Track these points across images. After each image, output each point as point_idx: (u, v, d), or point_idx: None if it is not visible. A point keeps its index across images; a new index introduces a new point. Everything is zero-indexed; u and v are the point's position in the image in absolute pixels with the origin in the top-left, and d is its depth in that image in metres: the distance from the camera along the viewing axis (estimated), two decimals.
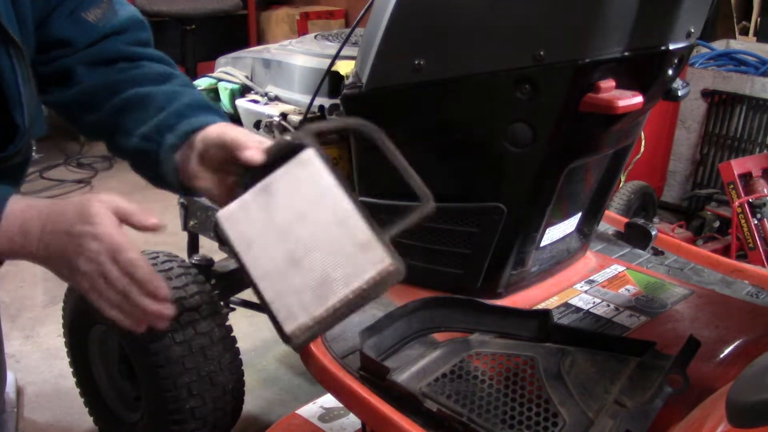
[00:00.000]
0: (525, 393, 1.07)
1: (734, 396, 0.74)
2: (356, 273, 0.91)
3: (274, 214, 0.96)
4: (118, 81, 1.15)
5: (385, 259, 0.90)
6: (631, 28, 1.16)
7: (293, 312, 0.91)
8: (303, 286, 0.92)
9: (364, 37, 1.25)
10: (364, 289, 0.90)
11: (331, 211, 0.94)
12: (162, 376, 1.43)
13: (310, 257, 0.93)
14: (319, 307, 0.90)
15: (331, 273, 0.92)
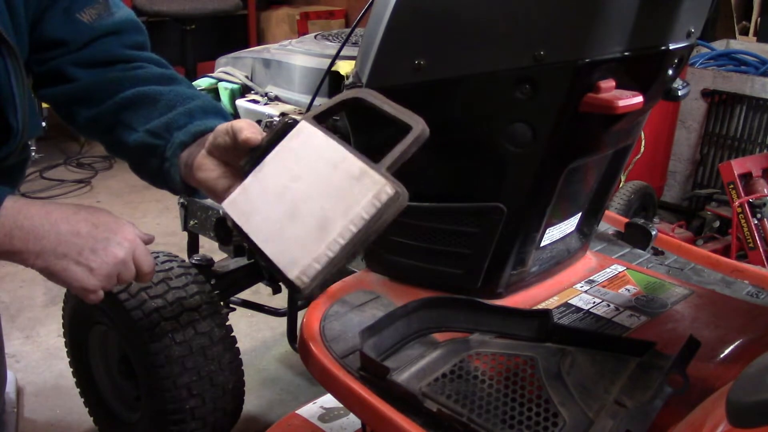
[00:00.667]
0: (525, 393, 1.07)
1: (734, 396, 0.74)
2: (353, 203, 0.90)
3: (268, 183, 0.97)
4: (119, 79, 1.15)
5: (380, 182, 0.91)
6: (632, 27, 1.16)
7: (295, 258, 0.90)
8: (303, 233, 0.91)
9: (364, 37, 1.25)
10: (364, 218, 0.89)
11: (324, 160, 0.95)
12: (162, 376, 1.43)
13: (307, 207, 0.92)
14: (320, 245, 0.89)
15: (329, 212, 0.91)
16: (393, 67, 1.22)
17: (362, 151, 1.34)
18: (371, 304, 1.35)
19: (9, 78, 1.02)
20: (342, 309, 1.32)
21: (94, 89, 1.16)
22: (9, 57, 1.01)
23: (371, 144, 1.33)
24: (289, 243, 0.92)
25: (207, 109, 1.14)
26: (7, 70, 1.02)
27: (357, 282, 1.42)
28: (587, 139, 1.28)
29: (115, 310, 1.48)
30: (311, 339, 1.23)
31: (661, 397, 1.02)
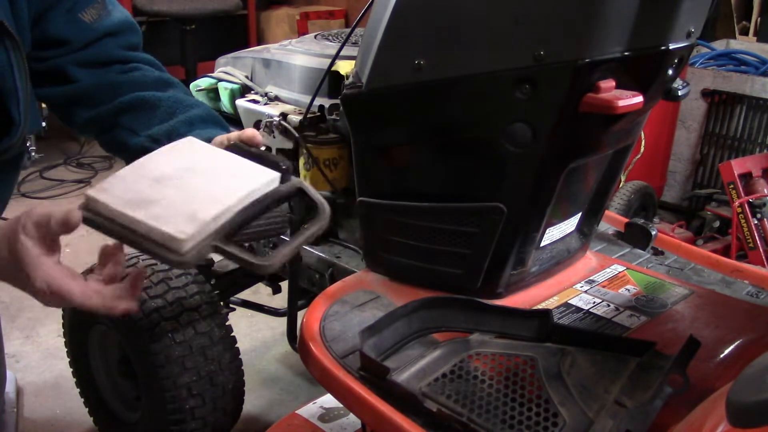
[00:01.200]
0: (525, 393, 1.07)
1: (734, 396, 0.74)
2: (246, 180, 0.93)
3: (155, 168, 0.95)
4: (118, 82, 1.17)
5: (273, 175, 0.94)
6: (631, 27, 1.16)
7: (175, 218, 0.87)
8: (186, 200, 0.90)
9: (364, 36, 1.25)
10: (251, 194, 0.91)
11: (230, 166, 0.97)
12: (162, 376, 1.43)
13: (194, 184, 0.92)
14: (207, 210, 0.88)
15: (216, 189, 0.92)
16: (393, 66, 1.22)
17: (363, 150, 1.35)
18: (371, 304, 1.35)
19: (12, 70, 1.03)
20: (342, 309, 1.32)
21: (94, 91, 1.17)
22: (12, 50, 1.02)
23: (371, 144, 1.34)
24: (168, 208, 0.89)
25: (207, 118, 1.16)
26: (11, 63, 1.02)
27: (357, 282, 1.42)
28: (587, 139, 1.28)
29: None
30: (311, 339, 1.23)
31: (661, 397, 1.02)
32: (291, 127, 1.51)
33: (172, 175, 0.94)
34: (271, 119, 1.57)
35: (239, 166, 0.98)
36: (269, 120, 1.57)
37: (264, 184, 0.95)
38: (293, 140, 1.52)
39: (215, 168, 0.97)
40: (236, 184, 0.93)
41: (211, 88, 1.80)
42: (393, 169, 1.35)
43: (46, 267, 0.87)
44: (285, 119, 1.54)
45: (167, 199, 0.90)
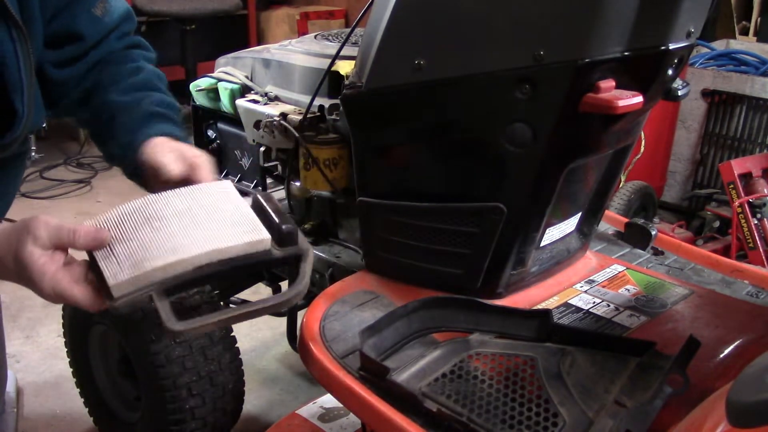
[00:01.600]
0: (525, 393, 1.07)
1: (734, 396, 0.74)
2: (222, 238, 0.90)
3: (149, 209, 0.95)
4: (100, 84, 1.18)
5: (265, 237, 0.91)
6: (631, 27, 1.16)
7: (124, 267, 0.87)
8: (150, 246, 0.89)
9: (364, 36, 1.25)
10: (224, 254, 0.89)
11: (221, 205, 0.96)
12: (162, 376, 1.43)
13: (170, 230, 0.91)
14: (157, 261, 0.87)
15: (189, 238, 0.90)
16: (393, 66, 1.22)
17: (363, 150, 1.35)
18: (371, 304, 1.35)
19: (18, 61, 1.02)
20: (342, 309, 1.32)
21: (88, 93, 1.19)
22: (19, 41, 1.02)
23: (371, 144, 1.34)
24: (127, 251, 0.89)
25: (148, 115, 1.15)
26: (16, 54, 1.02)
27: (357, 282, 1.42)
28: (587, 139, 1.28)
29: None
30: (311, 339, 1.23)
31: (661, 397, 1.02)
32: (291, 127, 1.51)
33: (163, 216, 0.93)
34: (271, 119, 1.56)
35: (236, 221, 0.94)
36: (269, 120, 1.57)
37: (244, 245, 0.91)
38: (293, 140, 1.52)
39: (212, 215, 0.94)
40: (212, 237, 0.90)
41: (211, 88, 1.80)
42: (393, 169, 1.35)
43: (52, 273, 0.89)
44: (285, 119, 1.54)
45: (135, 240, 0.90)
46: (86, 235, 0.91)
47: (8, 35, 1.01)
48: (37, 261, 0.88)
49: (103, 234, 0.92)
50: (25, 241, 0.88)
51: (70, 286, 0.89)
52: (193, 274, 0.88)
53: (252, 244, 0.91)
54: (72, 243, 0.91)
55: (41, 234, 0.89)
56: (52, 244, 0.89)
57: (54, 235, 0.89)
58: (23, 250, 0.88)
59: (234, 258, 0.90)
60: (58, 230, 0.90)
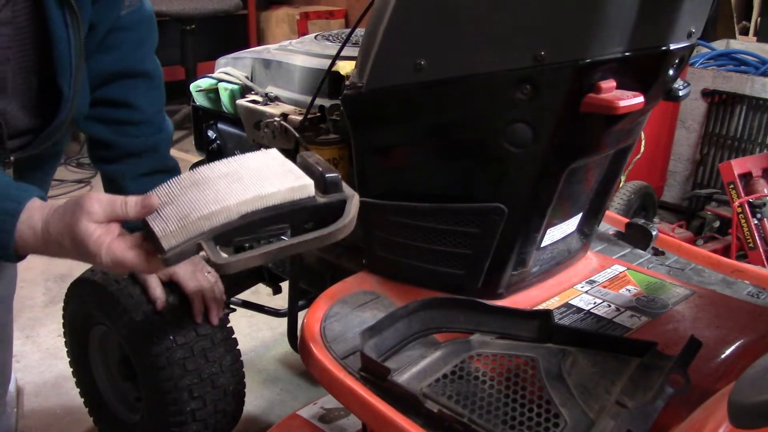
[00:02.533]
0: (526, 394, 1.07)
1: (736, 396, 0.74)
2: (263, 185, 0.93)
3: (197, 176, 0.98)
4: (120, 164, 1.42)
5: (308, 183, 0.93)
6: (632, 28, 1.16)
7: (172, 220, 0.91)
8: (195, 201, 0.92)
9: (365, 37, 1.25)
10: (266, 201, 0.91)
11: (265, 165, 0.99)
12: (163, 378, 1.43)
13: (217, 186, 0.94)
14: (207, 208, 0.90)
15: (233, 190, 0.92)
16: (394, 67, 1.22)
17: (363, 150, 1.35)
18: (372, 305, 1.35)
19: (69, 45, 1.05)
20: (342, 309, 1.32)
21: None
22: (72, 25, 1.04)
23: (371, 144, 1.33)
24: (175, 209, 0.92)
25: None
26: (68, 37, 1.05)
27: (357, 282, 1.42)
28: (588, 140, 1.28)
29: (116, 312, 1.48)
30: (312, 340, 1.23)
31: (662, 397, 1.02)
32: (291, 127, 1.51)
33: (209, 179, 0.96)
34: (271, 120, 1.56)
35: (280, 173, 0.97)
36: (269, 120, 1.57)
37: (286, 191, 0.93)
38: (293, 141, 1.51)
39: (257, 172, 0.97)
40: (256, 186, 0.93)
41: (211, 88, 1.80)
42: (393, 169, 1.35)
43: (107, 244, 0.92)
44: (285, 120, 1.54)
45: (183, 200, 0.93)
46: (136, 203, 0.94)
47: (62, 19, 1.03)
48: (93, 234, 0.92)
49: (152, 200, 0.95)
50: (80, 218, 0.92)
51: (124, 252, 0.93)
52: (240, 221, 0.91)
53: (294, 189, 0.94)
54: (125, 213, 0.94)
55: (95, 209, 0.93)
56: (106, 217, 0.93)
57: (107, 209, 0.93)
58: (79, 227, 0.92)
59: (278, 205, 0.93)
60: (111, 203, 0.94)
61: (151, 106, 1.36)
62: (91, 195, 0.94)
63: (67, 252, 0.95)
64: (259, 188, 0.93)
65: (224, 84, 1.76)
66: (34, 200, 0.96)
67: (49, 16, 1.02)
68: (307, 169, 0.99)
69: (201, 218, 0.90)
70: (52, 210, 0.95)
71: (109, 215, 0.94)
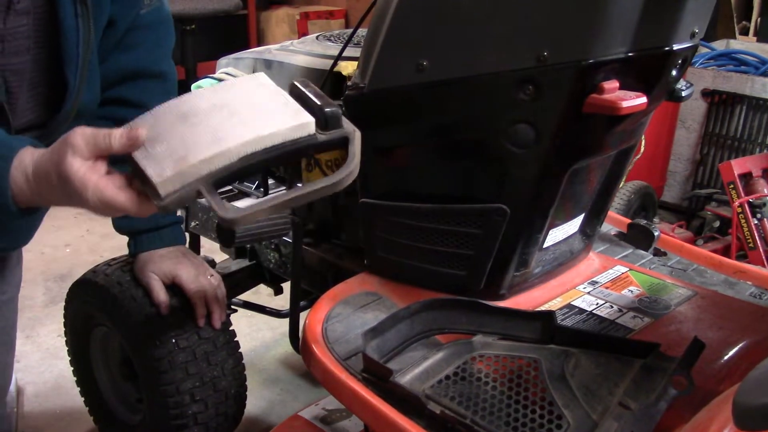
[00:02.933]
0: (529, 395, 1.07)
1: (741, 398, 0.74)
2: (266, 124, 0.87)
3: (183, 107, 0.93)
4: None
5: (309, 121, 0.87)
6: (635, 28, 1.16)
7: (167, 163, 0.85)
8: (190, 142, 0.86)
9: (367, 37, 1.24)
10: (267, 140, 0.86)
11: (259, 95, 0.93)
12: (165, 381, 1.43)
13: (213, 122, 0.88)
14: (202, 152, 0.84)
15: (233, 127, 0.87)
16: (396, 67, 1.22)
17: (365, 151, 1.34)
18: (374, 306, 1.34)
19: (77, 36, 1.04)
20: (344, 310, 1.32)
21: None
22: (82, 16, 1.04)
23: (373, 145, 1.33)
24: (168, 148, 0.86)
25: None
26: (77, 28, 1.04)
27: (359, 283, 1.41)
28: (590, 140, 1.27)
29: (118, 314, 1.48)
30: (314, 341, 1.23)
31: (665, 399, 1.02)
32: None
33: (199, 111, 0.90)
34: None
35: (276, 109, 0.90)
36: None
37: (287, 130, 0.87)
38: None
39: (251, 106, 0.90)
40: (254, 126, 0.87)
41: None
42: (395, 170, 1.35)
43: (94, 182, 0.88)
44: None
45: (175, 138, 0.88)
46: (121, 136, 0.89)
47: (73, 11, 1.03)
48: (78, 171, 0.88)
49: (138, 132, 0.89)
50: (65, 154, 0.88)
51: (115, 192, 0.89)
52: (240, 164, 0.86)
53: (295, 128, 0.88)
54: (108, 146, 0.89)
55: (79, 143, 0.88)
56: (91, 153, 0.89)
57: (91, 143, 0.89)
58: (63, 163, 0.88)
59: (279, 145, 0.87)
60: (95, 137, 0.89)
61: None
62: (76, 129, 0.90)
63: (57, 195, 0.91)
64: (259, 127, 0.87)
65: None
66: (27, 147, 0.93)
67: (60, 4, 1.02)
68: (302, 100, 0.93)
69: (200, 162, 0.84)
70: (42, 152, 0.92)
71: (94, 150, 0.89)
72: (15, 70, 1.04)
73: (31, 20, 1.02)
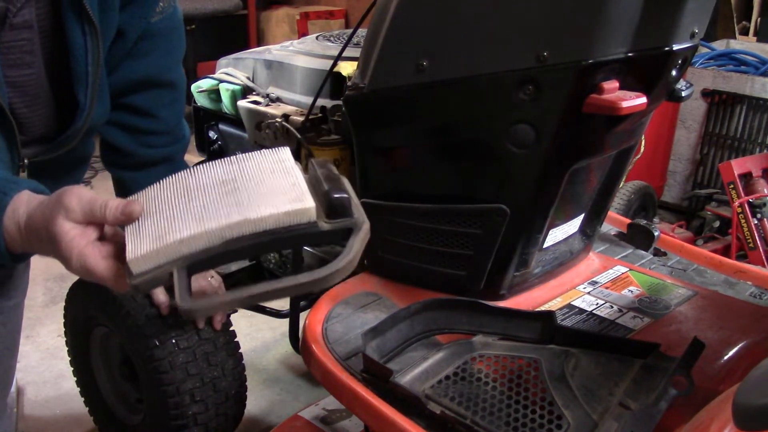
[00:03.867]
0: (529, 395, 1.07)
1: (741, 398, 0.73)
2: (261, 206, 0.80)
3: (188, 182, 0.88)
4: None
5: (310, 206, 0.79)
6: (635, 28, 1.16)
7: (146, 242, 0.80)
8: (177, 220, 0.81)
9: (367, 37, 1.25)
10: (256, 224, 0.78)
11: (267, 171, 0.87)
12: (165, 382, 1.43)
13: (205, 199, 0.83)
14: (181, 232, 0.78)
15: (226, 208, 0.80)
16: (395, 67, 1.22)
17: (365, 151, 1.34)
18: (374, 306, 1.34)
19: (86, 55, 1.05)
20: (344, 311, 1.32)
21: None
22: (90, 35, 1.04)
23: (373, 145, 1.33)
24: (154, 224, 0.81)
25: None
26: (86, 47, 1.04)
27: (359, 284, 1.41)
28: (590, 141, 1.27)
29: (118, 315, 1.48)
30: (314, 341, 1.23)
31: (665, 399, 1.02)
32: (293, 128, 1.51)
33: (201, 186, 0.86)
34: (272, 120, 1.56)
35: (281, 190, 0.82)
36: (271, 121, 1.57)
37: (282, 215, 0.79)
38: (295, 141, 1.51)
39: (256, 184, 0.83)
40: (248, 206, 0.80)
41: (212, 89, 1.80)
42: (395, 170, 1.35)
43: (80, 248, 0.85)
44: (287, 120, 1.54)
45: (165, 213, 0.83)
46: (116, 208, 0.86)
47: (81, 30, 1.03)
48: (67, 234, 0.85)
49: (133, 207, 0.86)
50: (57, 214, 0.85)
51: (97, 261, 0.85)
52: (223, 247, 0.78)
53: (292, 213, 0.79)
54: (103, 217, 0.86)
55: (74, 207, 0.85)
56: (85, 219, 0.86)
57: (87, 209, 0.86)
58: (54, 223, 0.85)
59: (270, 231, 0.79)
60: (91, 204, 0.86)
61: (172, 117, 1.33)
62: (72, 190, 0.86)
63: (46, 250, 0.88)
64: (251, 209, 0.79)
65: (225, 84, 1.76)
66: (23, 193, 0.90)
67: (67, 24, 1.01)
68: (316, 181, 0.85)
69: (177, 242, 0.78)
70: (37, 202, 0.89)
71: (87, 217, 0.86)
72: (14, 83, 1.03)
73: (36, 36, 1.02)
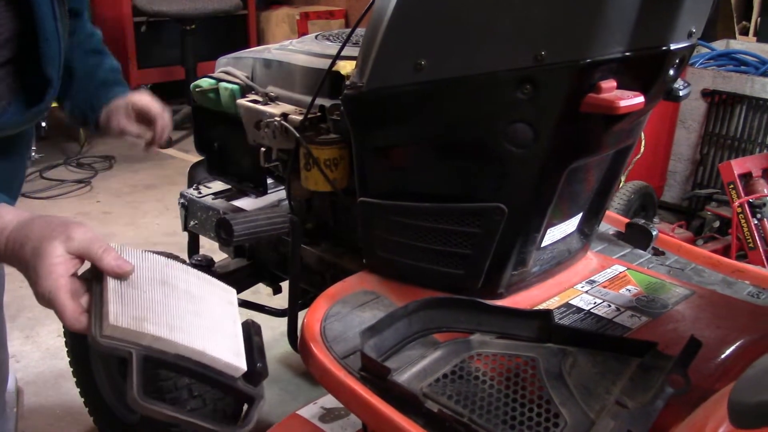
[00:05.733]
0: (526, 393, 1.07)
1: (736, 397, 0.74)
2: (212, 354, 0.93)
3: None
4: (72, 50, 1.28)
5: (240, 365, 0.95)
6: (633, 28, 1.16)
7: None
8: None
9: (365, 36, 1.25)
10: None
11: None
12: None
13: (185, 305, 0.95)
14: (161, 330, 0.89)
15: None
16: (394, 66, 1.22)
17: (363, 150, 1.35)
18: (372, 305, 1.35)
19: (58, 36, 1.03)
20: (343, 309, 1.32)
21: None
22: (60, 18, 1.03)
23: (371, 144, 1.34)
24: (139, 304, 0.90)
25: (108, 83, 1.35)
26: (57, 29, 1.03)
27: (357, 282, 1.42)
28: (588, 140, 1.28)
29: None
30: (312, 339, 1.23)
31: (662, 397, 1.02)
32: (292, 127, 1.51)
33: (175, 287, 0.96)
34: (271, 119, 1.56)
35: (229, 336, 0.98)
36: (270, 120, 1.57)
37: (224, 363, 0.94)
38: (294, 141, 1.51)
39: (214, 320, 0.98)
40: (206, 339, 0.93)
41: (211, 88, 1.80)
42: (394, 169, 1.35)
43: (56, 276, 0.86)
44: (286, 119, 1.54)
45: (146, 295, 0.91)
46: (115, 260, 0.90)
47: (51, 12, 1.01)
48: (56, 258, 0.86)
49: (128, 268, 0.90)
50: (57, 235, 0.87)
51: (65, 296, 0.87)
52: (173, 360, 0.89)
53: (230, 366, 0.95)
54: (98, 260, 0.89)
55: (75, 237, 0.87)
56: (77, 252, 0.88)
57: (84, 246, 0.88)
58: (50, 243, 0.86)
59: (210, 368, 0.93)
60: (91, 242, 0.88)
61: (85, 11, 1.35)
62: (82, 224, 0.89)
63: (17, 263, 0.89)
64: (207, 345, 0.92)
65: (225, 84, 1.76)
66: (2, 205, 0.91)
67: (39, 8, 0.99)
68: (248, 341, 1.01)
69: (151, 335, 0.87)
70: (25, 220, 0.90)
71: (82, 251, 0.88)
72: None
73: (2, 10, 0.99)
